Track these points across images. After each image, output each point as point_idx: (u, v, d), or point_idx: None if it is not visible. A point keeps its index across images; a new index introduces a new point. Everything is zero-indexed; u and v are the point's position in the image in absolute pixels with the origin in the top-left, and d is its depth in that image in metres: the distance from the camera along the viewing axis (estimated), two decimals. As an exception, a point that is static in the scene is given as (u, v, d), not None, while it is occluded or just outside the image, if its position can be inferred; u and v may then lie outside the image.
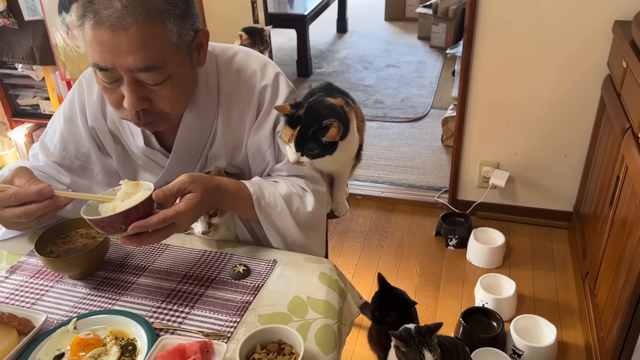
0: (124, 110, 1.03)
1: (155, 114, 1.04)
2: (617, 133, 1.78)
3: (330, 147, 1.09)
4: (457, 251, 2.40)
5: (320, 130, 1.05)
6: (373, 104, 3.88)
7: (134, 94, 0.97)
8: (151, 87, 0.99)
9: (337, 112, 1.10)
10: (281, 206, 1.10)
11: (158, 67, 0.96)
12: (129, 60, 0.93)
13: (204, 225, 1.09)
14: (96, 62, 0.95)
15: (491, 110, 2.35)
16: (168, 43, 0.96)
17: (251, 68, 1.15)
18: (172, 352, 0.80)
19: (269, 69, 1.16)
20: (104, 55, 0.93)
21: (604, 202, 1.89)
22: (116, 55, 0.93)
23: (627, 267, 1.52)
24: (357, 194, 2.81)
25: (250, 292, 1.00)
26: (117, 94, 1.00)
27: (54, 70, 2.46)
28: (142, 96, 0.99)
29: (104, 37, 0.91)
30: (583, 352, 1.87)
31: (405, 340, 1.32)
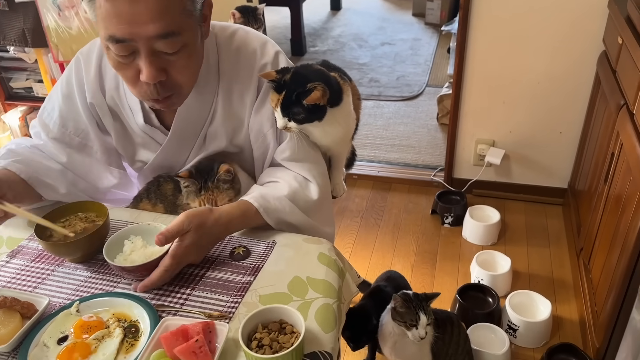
0: (140, 86, 1.02)
1: (172, 87, 1.04)
2: (612, 110, 1.78)
3: (317, 111, 1.09)
4: (453, 229, 2.42)
5: (304, 93, 1.05)
6: (368, 83, 3.86)
7: (152, 65, 0.97)
8: (168, 58, 0.99)
9: (324, 77, 1.10)
10: (289, 207, 1.10)
11: (176, 33, 0.96)
12: (148, 28, 0.92)
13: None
14: (112, 34, 0.93)
15: (487, 88, 2.35)
16: (183, 9, 0.96)
17: (251, 46, 1.14)
18: (175, 333, 0.82)
19: (268, 47, 1.15)
20: (122, 26, 0.92)
21: (599, 178, 1.90)
22: (135, 25, 0.92)
23: (621, 242, 1.54)
24: (353, 174, 2.82)
25: (250, 273, 1.01)
26: (132, 69, 0.99)
27: (46, 52, 2.43)
28: (160, 67, 0.99)
29: (122, 7, 0.90)
30: (577, 327, 1.90)
31: (404, 301, 1.34)
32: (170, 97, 1.05)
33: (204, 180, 1.12)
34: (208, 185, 1.11)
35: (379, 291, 1.68)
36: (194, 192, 1.13)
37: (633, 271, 1.49)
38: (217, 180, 1.12)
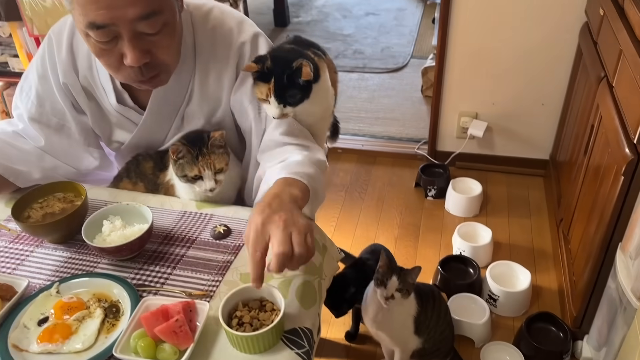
0: (124, 70, 1.00)
1: (157, 67, 1.02)
2: (593, 82, 1.79)
3: (306, 89, 1.08)
4: (436, 201, 2.44)
5: (293, 73, 1.04)
6: (352, 55, 3.83)
7: (136, 48, 0.95)
8: (151, 38, 0.97)
9: (300, 53, 1.09)
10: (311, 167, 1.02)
11: (157, 12, 0.94)
12: (129, 11, 0.90)
13: (211, 182, 1.10)
14: (92, 20, 0.91)
15: (470, 60, 2.34)
16: None
17: (227, 25, 1.12)
18: (155, 313, 0.82)
19: (245, 26, 1.13)
20: (101, 12, 0.90)
21: (579, 150, 1.92)
22: (114, 9, 0.90)
23: (599, 214, 1.57)
24: (338, 148, 2.82)
25: (231, 252, 1.01)
26: (114, 55, 0.97)
27: (20, 26, 2.36)
28: (144, 49, 0.97)
29: None
30: (556, 296, 1.95)
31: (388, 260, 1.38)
32: (157, 75, 1.04)
33: (198, 147, 1.10)
34: (204, 151, 1.09)
35: (362, 263, 1.70)
36: (190, 160, 1.10)
37: (609, 242, 1.53)
38: (211, 146, 1.10)
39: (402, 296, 1.36)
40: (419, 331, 1.49)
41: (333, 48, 3.89)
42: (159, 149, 1.23)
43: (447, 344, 1.60)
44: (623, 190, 1.42)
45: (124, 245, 0.95)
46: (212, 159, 1.10)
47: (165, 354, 0.79)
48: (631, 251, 1.38)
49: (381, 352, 1.71)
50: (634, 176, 1.38)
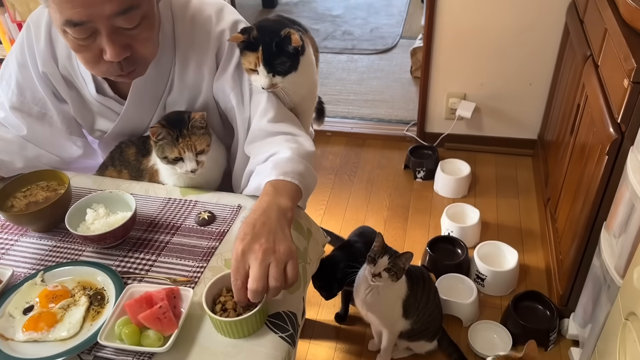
0: (103, 65, 0.99)
1: (136, 61, 1.01)
2: (579, 61, 1.79)
3: (295, 58, 1.08)
4: (425, 183, 2.45)
5: (282, 40, 1.04)
6: (342, 36, 3.80)
7: (115, 43, 0.94)
8: (129, 33, 0.96)
9: (285, 24, 1.09)
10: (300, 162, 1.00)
11: (135, 7, 0.93)
12: (105, 7, 0.89)
13: (192, 163, 1.08)
14: (69, 18, 0.90)
15: (458, 41, 2.33)
16: None
17: (206, 13, 1.11)
18: (139, 300, 0.83)
19: (225, 13, 1.12)
20: (77, 10, 0.88)
21: (566, 129, 1.93)
22: (91, 6, 0.89)
23: (584, 193, 1.58)
24: (327, 131, 2.81)
25: (216, 238, 1.02)
26: (93, 51, 0.96)
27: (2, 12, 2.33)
28: (123, 44, 0.96)
29: None
30: (543, 274, 1.97)
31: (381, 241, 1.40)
32: (135, 69, 1.03)
33: (178, 129, 1.09)
34: (184, 132, 1.08)
35: (350, 245, 1.72)
36: (170, 142, 1.08)
37: (594, 220, 1.54)
38: (192, 127, 1.09)
39: (390, 277, 1.38)
40: (407, 314, 1.51)
41: (322, 29, 3.86)
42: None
43: (436, 324, 1.62)
44: (607, 170, 1.43)
45: (108, 233, 0.95)
46: (193, 140, 1.08)
47: (149, 340, 0.80)
48: (615, 229, 1.40)
49: (370, 332, 1.73)
50: (617, 155, 1.39)
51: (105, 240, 0.97)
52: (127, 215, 0.99)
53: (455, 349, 1.67)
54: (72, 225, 0.99)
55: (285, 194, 0.93)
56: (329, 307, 1.88)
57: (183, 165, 1.09)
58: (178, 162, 1.09)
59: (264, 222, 0.85)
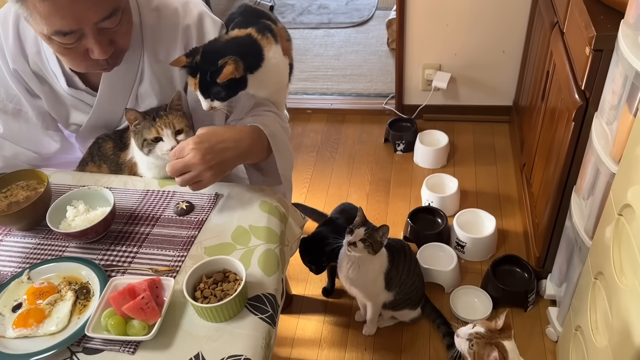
0: (89, 62, 1.03)
1: (119, 54, 1.06)
2: (547, 28, 1.82)
3: (237, 84, 1.06)
4: (405, 155, 2.49)
5: (217, 71, 1.02)
6: (317, 10, 3.78)
7: (101, 43, 0.99)
8: (112, 30, 1.00)
9: (238, 45, 1.06)
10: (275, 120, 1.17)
11: (117, 9, 0.97)
12: (91, 15, 0.94)
13: (172, 141, 1.08)
14: (58, 29, 0.93)
15: (429, 11, 2.34)
16: None
17: (172, 6, 1.13)
18: (122, 293, 0.86)
19: (190, 7, 1.13)
20: (66, 20, 0.92)
21: (537, 96, 1.97)
22: (78, 16, 0.93)
23: (555, 158, 1.63)
24: (307, 108, 2.83)
25: (195, 227, 1.05)
26: (78, 51, 1.00)
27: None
28: (107, 41, 1.01)
29: (61, 3, 0.90)
30: (521, 238, 2.03)
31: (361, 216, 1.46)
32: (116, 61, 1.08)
33: (154, 112, 1.11)
34: (160, 113, 1.10)
35: (332, 222, 1.76)
36: (147, 124, 1.09)
37: (565, 184, 1.59)
38: (169, 108, 1.10)
39: (365, 248, 1.42)
40: (389, 286, 1.57)
41: (297, 4, 3.83)
42: (117, 128, 1.24)
43: (418, 292, 1.68)
44: (575, 135, 1.48)
45: (89, 229, 0.98)
46: (171, 119, 1.09)
47: (135, 330, 0.84)
48: (584, 192, 1.46)
49: (356, 304, 1.79)
50: (583, 121, 1.44)
51: (86, 236, 1.00)
52: (106, 210, 1.02)
53: (438, 314, 1.74)
54: (54, 223, 1.02)
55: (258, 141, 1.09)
56: (316, 283, 1.94)
57: (163, 145, 1.08)
58: (157, 142, 1.09)
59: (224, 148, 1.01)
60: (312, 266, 1.67)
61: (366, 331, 1.74)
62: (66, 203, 1.06)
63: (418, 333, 1.74)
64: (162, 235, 1.04)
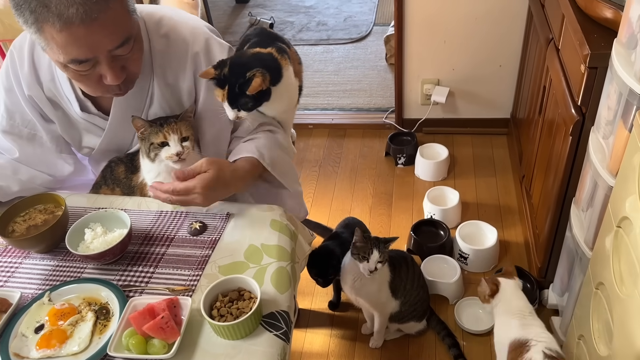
0: (102, 87, 1.08)
1: (131, 79, 1.11)
2: (543, 44, 1.87)
3: (263, 95, 1.14)
4: (406, 168, 2.53)
5: (245, 83, 1.10)
6: (316, 27, 3.84)
7: (114, 69, 1.03)
8: (124, 56, 1.05)
9: (261, 60, 1.14)
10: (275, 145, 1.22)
11: (130, 37, 1.02)
12: (106, 44, 0.99)
13: (177, 146, 1.14)
14: (75, 58, 0.98)
15: (427, 28, 2.40)
16: (128, 12, 1.02)
17: (180, 33, 1.17)
18: (143, 313, 0.90)
19: (198, 33, 1.18)
20: (83, 50, 0.97)
21: (535, 109, 2.01)
22: (94, 45, 0.97)
23: (554, 170, 1.67)
24: (309, 124, 2.88)
25: (208, 246, 1.09)
26: (93, 78, 1.05)
27: (-23, 31, 2.35)
28: (120, 67, 1.05)
29: (78, 33, 0.94)
30: (522, 249, 2.07)
31: (363, 237, 1.47)
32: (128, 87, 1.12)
33: (162, 119, 1.16)
34: (169, 120, 1.15)
35: (338, 236, 1.80)
36: (155, 129, 1.14)
37: (565, 196, 1.63)
38: (180, 118, 1.17)
39: (384, 265, 1.46)
40: (395, 294, 1.60)
41: (296, 21, 3.90)
42: (128, 151, 1.28)
43: (423, 305, 1.71)
44: (572, 149, 1.52)
45: (107, 251, 1.02)
46: (179, 126, 1.15)
47: (155, 349, 0.87)
48: (583, 205, 1.49)
49: (363, 317, 1.82)
50: (580, 135, 1.48)
51: (104, 258, 1.04)
52: (123, 232, 1.06)
53: (444, 326, 1.77)
54: (72, 245, 1.05)
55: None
56: (322, 296, 1.97)
57: (169, 149, 1.13)
58: (164, 147, 1.14)
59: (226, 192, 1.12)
60: (319, 279, 1.70)
61: (373, 344, 1.77)
62: (84, 225, 1.10)
63: (424, 345, 1.77)
64: (177, 255, 1.08)
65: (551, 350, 1.31)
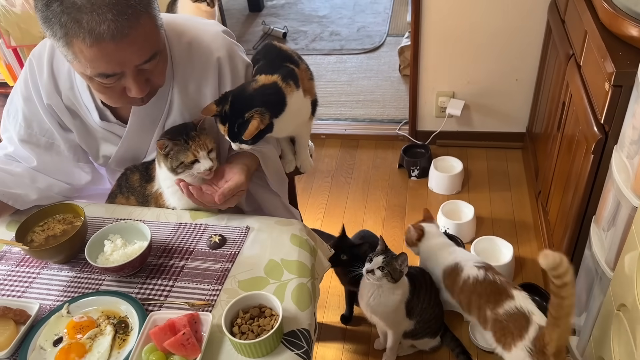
0: (124, 99, 1.08)
1: (154, 90, 1.11)
2: (562, 59, 1.85)
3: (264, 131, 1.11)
4: (420, 181, 2.52)
5: (243, 124, 1.09)
6: (329, 37, 3.84)
7: (139, 82, 1.03)
8: (149, 70, 1.04)
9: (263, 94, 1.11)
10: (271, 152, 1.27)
11: (157, 52, 1.02)
12: (135, 59, 0.99)
13: (208, 161, 1.13)
14: (102, 72, 0.98)
15: (444, 41, 2.39)
16: (157, 27, 1.02)
17: (203, 42, 1.17)
18: (163, 328, 0.89)
19: (218, 40, 1.19)
20: (111, 65, 0.97)
21: (553, 125, 1.99)
22: (123, 61, 0.98)
23: (574, 187, 1.65)
24: (321, 134, 2.87)
25: (228, 260, 1.08)
26: (117, 90, 1.05)
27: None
28: (145, 80, 1.05)
29: (108, 49, 0.94)
30: (538, 265, 2.01)
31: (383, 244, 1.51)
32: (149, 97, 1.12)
33: (184, 135, 1.14)
34: (192, 135, 1.13)
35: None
36: (181, 148, 1.12)
37: (584, 214, 1.61)
38: (200, 129, 1.15)
39: (384, 276, 1.44)
40: (410, 314, 1.58)
41: (310, 31, 3.90)
42: (143, 160, 1.28)
43: (438, 321, 1.69)
44: (594, 167, 1.50)
45: (127, 263, 1.01)
46: (203, 140, 1.14)
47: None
48: (603, 224, 1.47)
49: (376, 332, 1.80)
50: (603, 153, 1.46)
51: (124, 270, 1.03)
52: (143, 245, 1.05)
53: (458, 343, 1.74)
54: (92, 257, 1.04)
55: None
56: (335, 310, 1.95)
57: (200, 165, 1.13)
58: (194, 164, 1.13)
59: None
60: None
61: None
62: (103, 237, 1.09)
63: (438, 362, 1.75)
64: (196, 268, 1.06)
65: (480, 263, 1.56)
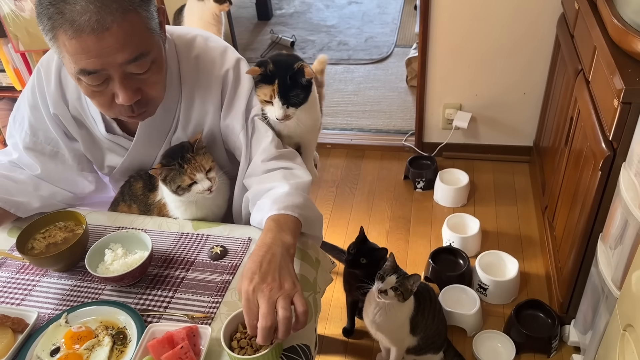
0: (115, 108, 1.04)
1: (146, 103, 1.06)
2: (571, 74, 1.84)
3: (308, 89, 1.16)
4: (425, 193, 2.50)
5: (296, 74, 1.12)
6: (337, 46, 3.85)
7: (127, 88, 0.99)
8: (140, 77, 1.01)
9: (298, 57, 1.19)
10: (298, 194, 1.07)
11: (145, 54, 0.98)
12: (117, 57, 0.94)
13: (206, 182, 1.12)
14: (83, 67, 0.95)
15: (452, 53, 2.39)
16: (146, 29, 0.98)
17: (211, 55, 1.16)
18: (161, 341, 0.87)
19: (228, 54, 1.17)
20: (92, 60, 0.94)
21: (560, 140, 1.98)
22: (104, 56, 0.94)
23: (581, 203, 1.63)
24: (327, 143, 2.86)
25: (229, 272, 1.06)
26: (106, 95, 1.01)
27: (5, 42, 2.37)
28: (134, 88, 1.01)
29: (88, 42, 0.91)
30: (543, 282, 2.02)
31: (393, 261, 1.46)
32: (145, 111, 1.08)
33: (179, 158, 1.12)
34: (187, 157, 1.12)
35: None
36: (177, 173, 1.12)
37: (591, 231, 1.59)
38: (196, 149, 1.13)
39: (396, 296, 1.42)
40: (414, 330, 1.56)
41: (318, 40, 3.91)
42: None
43: (441, 337, 1.67)
44: (601, 184, 1.48)
45: (127, 273, 1.00)
46: (199, 161, 1.12)
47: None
48: (611, 242, 1.45)
49: (378, 346, 1.78)
50: (610, 171, 1.44)
51: (124, 280, 1.02)
52: (144, 254, 1.04)
53: (461, 358, 1.72)
54: (92, 266, 1.03)
55: (287, 228, 0.99)
56: (336, 322, 1.93)
57: (198, 187, 1.13)
58: (193, 186, 1.13)
59: (269, 260, 0.91)
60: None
61: (387, 374, 1.72)
62: (104, 246, 1.08)
63: (440, 377, 1.72)
64: (197, 280, 1.05)
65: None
